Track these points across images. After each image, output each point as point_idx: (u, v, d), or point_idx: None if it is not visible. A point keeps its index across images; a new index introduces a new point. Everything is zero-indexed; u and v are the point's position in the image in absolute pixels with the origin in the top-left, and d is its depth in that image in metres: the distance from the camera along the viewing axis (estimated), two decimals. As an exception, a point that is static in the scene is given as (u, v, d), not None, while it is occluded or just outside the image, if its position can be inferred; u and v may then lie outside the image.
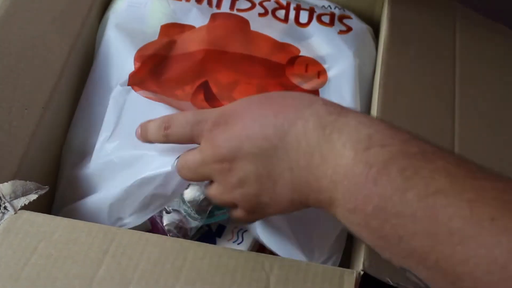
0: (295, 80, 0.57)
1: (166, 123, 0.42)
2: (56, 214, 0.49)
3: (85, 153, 0.52)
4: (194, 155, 0.41)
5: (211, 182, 0.41)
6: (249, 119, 0.37)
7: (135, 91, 0.53)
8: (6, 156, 0.47)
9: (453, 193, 0.30)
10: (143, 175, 0.46)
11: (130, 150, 0.48)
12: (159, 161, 0.45)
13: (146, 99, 0.53)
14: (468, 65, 0.55)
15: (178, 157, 0.44)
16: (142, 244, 0.41)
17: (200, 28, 0.60)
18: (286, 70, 0.58)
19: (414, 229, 0.30)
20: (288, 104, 0.36)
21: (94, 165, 0.51)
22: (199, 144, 0.41)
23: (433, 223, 0.29)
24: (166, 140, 0.42)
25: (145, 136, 0.44)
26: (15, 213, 0.43)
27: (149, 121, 0.44)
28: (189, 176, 0.42)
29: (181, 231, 0.49)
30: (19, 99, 0.50)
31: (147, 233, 0.43)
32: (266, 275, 0.39)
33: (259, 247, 0.51)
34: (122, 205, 0.47)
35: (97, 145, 0.51)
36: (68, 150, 0.54)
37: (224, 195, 0.40)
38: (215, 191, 0.41)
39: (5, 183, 0.44)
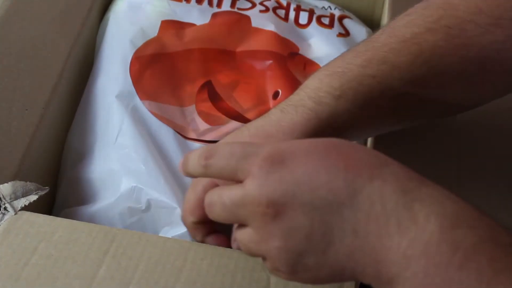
0: (295, 74, 0.57)
1: (207, 152, 0.35)
2: (57, 215, 0.50)
3: (86, 155, 0.52)
4: (234, 191, 0.33)
5: (243, 225, 0.34)
6: (314, 165, 0.31)
7: (140, 98, 0.54)
8: (6, 156, 0.47)
9: None
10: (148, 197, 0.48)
11: (136, 163, 0.49)
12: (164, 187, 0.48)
13: (151, 114, 0.53)
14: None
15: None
16: (142, 244, 0.41)
17: (201, 26, 0.60)
18: (287, 62, 0.58)
19: None
20: (361, 159, 0.31)
21: (98, 170, 0.51)
22: (241, 181, 0.33)
23: None
24: (205, 171, 0.35)
25: (185, 167, 0.37)
26: (15, 214, 0.43)
27: (191, 152, 0.38)
28: (221, 215, 0.35)
29: None
30: (19, 99, 0.50)
31: (147, 233, 0.43)
32: (266, 276, 0.39)
33: None
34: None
35: (100, 149, 0.52)
36: (68, 150, 0.54)
37: (257, 245, 0.33)
38: (247, 238, 0.34)
39: (5, 184, 0.44)
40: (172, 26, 0.59)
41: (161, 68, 0.56)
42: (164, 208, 0.48)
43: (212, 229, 0.43)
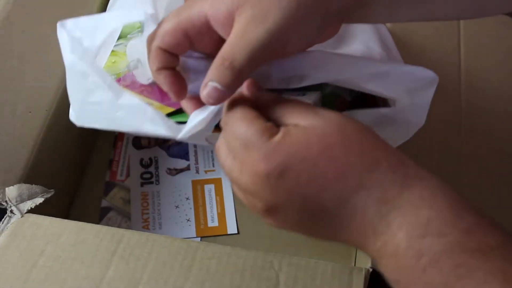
0: None
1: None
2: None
3: None
4: (230, 166, 0.35)
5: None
6: (306, 177, 0.33)
7: None
8: (11, 159, 0.47)
9: None
10: None
11: None
12: None
13: None
14: (473, 58, 0.55)
15: None
16: (150, 244, 0.41)
17: None
18: None
19: None
20: (351, 164, 0.33)
21: None
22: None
23: None
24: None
25: None
26: (21, 217, 0.42)
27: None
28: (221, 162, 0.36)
29: None
30: (22, 101, 0.50)
31: (154, 234, 0.43)
32: (275, 274, 0.39)
33: None
34: None
35: None
36: None
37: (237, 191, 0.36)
38: (229, 167, 0.35)
39: (11, 187, 0.44)
40: None
41: None
42: None
43: (173, 67, 0.39)
